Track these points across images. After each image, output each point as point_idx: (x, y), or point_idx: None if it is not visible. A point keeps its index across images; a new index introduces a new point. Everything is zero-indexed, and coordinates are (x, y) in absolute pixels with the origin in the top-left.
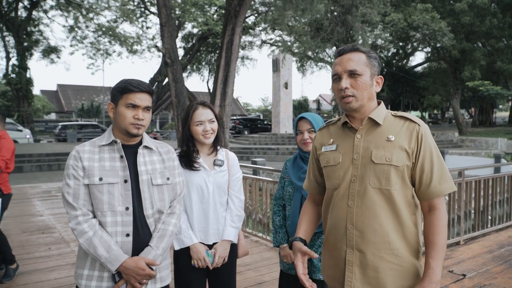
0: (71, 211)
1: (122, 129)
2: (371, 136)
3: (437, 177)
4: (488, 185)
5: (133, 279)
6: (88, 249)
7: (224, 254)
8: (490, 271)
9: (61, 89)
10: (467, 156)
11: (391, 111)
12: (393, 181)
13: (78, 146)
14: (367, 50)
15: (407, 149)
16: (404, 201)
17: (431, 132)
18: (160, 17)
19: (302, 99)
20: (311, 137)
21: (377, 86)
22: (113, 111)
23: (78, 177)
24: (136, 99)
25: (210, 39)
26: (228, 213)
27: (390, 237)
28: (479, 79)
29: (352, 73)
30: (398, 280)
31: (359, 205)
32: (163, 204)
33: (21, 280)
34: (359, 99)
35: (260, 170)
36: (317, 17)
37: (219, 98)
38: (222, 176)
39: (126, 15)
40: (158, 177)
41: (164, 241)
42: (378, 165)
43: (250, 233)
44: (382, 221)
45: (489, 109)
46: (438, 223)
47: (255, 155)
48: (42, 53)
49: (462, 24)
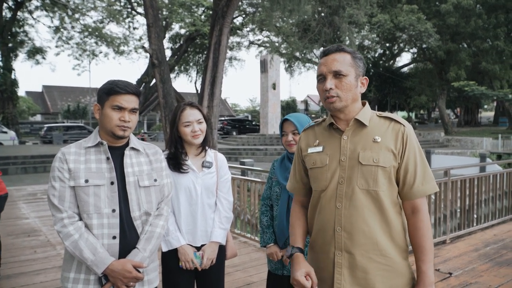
0: (57, 213)
1: (108, 130)
2: (357, 137)
3: (420, 177)
4: (474, 184)
5: (120, 282)
6: (74, 252)
7: (212, 256)
8: (476, 269)
9: (46, 90)
10: (453, 156)
11: (376, 112)
12: (380, 182)
13: (63, 148)
14: (352, 51)
15: (393, 150)
16: (391, 202)
17: (417, 132)
18: (147, 18)
19: (290, 99)
20: (295, 139)
21: (361, 87)
22: (99, 113)
23: (63, 179)
24: (122, 101)
25: (198, 39)
26: (217, 215)
27: (378, 237)
28: (464, 80)
29: (336, 73)
30: (387, 280)
31: (347, 206)
32: (150, 206)
33: (7, 283)
34: (343, 99)
35: (248, 171)
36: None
37: (206, 99)
38: (211, 178)
39: (112, 15)
40: (145, 178)
41: (152, 243)
42: (366, 166)
43: (239, 234)
44: (370, 222)
45: (475, 109)
46: (422, 225)
47: (244, 156)
48: (27, 54)
49: (447, 25)
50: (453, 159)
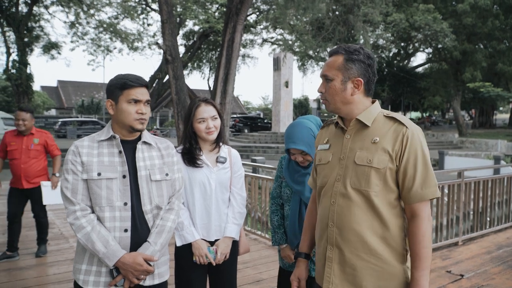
0: (70, 206)
1: (125, 125)
2: (358, 137)
3: (420, 181)
4: (488, 187)
5: (131, 275)
6: (86, 244)
7: (226, 251)
8: (488, 272)
9: (61, 85)
10: (467, 158)
11: (384, 111)
12: (372, 183)
13: (77, 141)
14: (351, 50)
15: (390, 152)
16: (386, 204)
17: (431, 133)
18: (161, 14)
19: (302, 98)
20: (305, 158)
21: (354, 89)
22: (113, 108)
23: (76, 172)
24: (137, 93)
25: (211, 36)
26: (230, 210)
27: (367, 237)
28: (480, 81)
29: (325, 77)
30: (376, 280)
31: (340, 203)
32: (161, 200)
33: (20, 275)
34: (331, 103)
35: (259, 168)
36: (319, 16)
37: (219, 96)
38: (225, 173)
39: (127, 11)
40: (157, 172)
41: (162, 237)
42: (360, 166)
43: (249, 231)
44: (360, 221)
45: (490, 111)
46: (418, 231)
47: (255, 153)
48: (43, 49)
49: (464, 25)
50: (467, 161)
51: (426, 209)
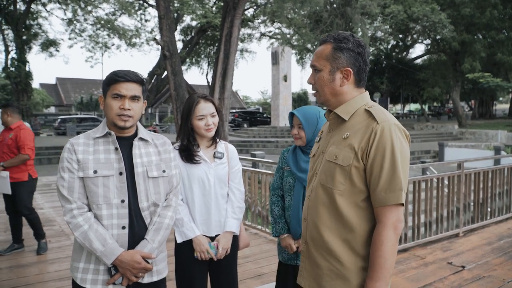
0: (66, 204)
1: (110, 121)
2: (336, 131)
3: (385, 184)
4: (488, 177)
5: (129, 273)
6: (83, 243)
7: (227, 246)
8: (489, 262)
9: (60, 82)
10: (467, 149)
11: (369, 104)
12: (337, 181)
13: (72, 138)
14: (340, 39)
15: (355, 149)
16: (351, 205)
17: (430, 124)
18: (159, 10)
19: (301, 92)
20: (300, 133)
21: (343, 80)
22: (102, 104)
23: (72, 170)
24: (121, 88)
25: (209, 31)
26: (230, 205)
27: (327, 237)
28: (479, 71)
29: (313, 68)
30: (332, 282)
31: (312, 198)
32: (158, 197)
33: (22, 272)
34: (321, 94)
35: (259, 163)
36: (316, 9)
37: (218, 91)
38: (223, 168)
39: (124, 8)
40: (154, 169)
41: (160, 234)
42: (328, 162)
43: (250, 226)
44: (322, 219)
45: (489, 102)
46: (377, 238)
47: (254, 148)
48: (41, 46)
49: (462, 16)
50: (467, 152)
51: (390, 215)
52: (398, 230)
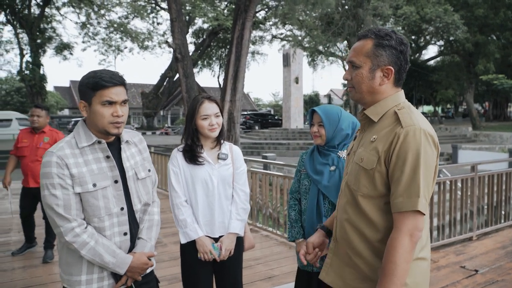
0: (65, 224)
1: (100, 129)
2: (365, 133)
3: (403, 189)
4: (502, 180)
5: (137, 274)
6: (93, 259)
7: (230, 247)
8: (503, 266)
9: (74, 85)
10: (481, 151)
11: (400, 105)
12: (361, 184)
13: (55, 150)
14: (382, 35)
15: (379, 152)
16: (374, 207)
17: (444, 127)
18: (170, 13)
19: (313, 94)
20: (320, 131)
21: (384, 78)
22: (86, 110)
23: (66, 186)
24: (111, 94)
25: (221, 34)
26: (234, 206)
27: (353, 237)
28: (493, 73)
29: (351, 64)
30: (357, 281)
31: (341, 197)
32: (148, 196)
33: (35, 272)
34: (357, 91)
35: (270, 165)
36: (328, 11)
37: (229, 93)
38: (227, 170)
39: (137, 11)
40: (141, 170)
41: (154, 230)
42: (355, 164)
43: (261, 228)
44: (350, 219)
45: (504, 103)
46: (390, 243)
47: (266, 150)
48: (55, 49)
49: (475, 17)
50: (480, 154)
51: (407, 222)
52: (415, 238)
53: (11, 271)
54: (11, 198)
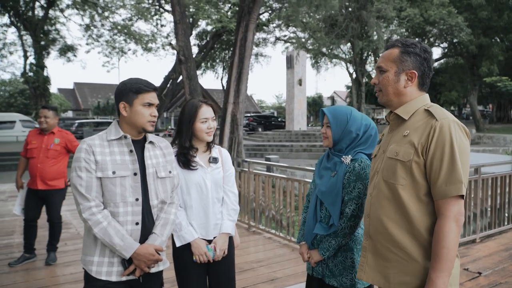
0: (84, 202)
1: (138, 126)
2: (395, 131)
3: (445, 176)
4: (505, 182)
5: (144, 264)
6: (103, 238)
7: (224, 247)
8: (507, 269)
9: (77, 87)
10: (484, 153)
11: (428, 104)
12: (399, 176)
13: (87, 139)
14: (408, 44)
15: (415, 145)
16: (414, 198)
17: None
18: (174, 15)
19: (316, 96)
20: (327, 132)
21: (408, 81)
22: (126, 110)
23: (90, 170)
24: (151, 97)
25: (224, 36)
26: (225, 208)
27: (393, 230)
28: (497, 75)
29: (379, 69)
30: (400, 273)
31: (374, 195)
32: (166, 195)
33: (37, 274)
34: (384, 94)
35: (273, 167)
36: (332, 13)
37: (232, 95)
38: (218, 173)
39: (140, 13)
40: (162, 170)
41: (167, 228)
42: (389, 159)
43: (263, 230)
44: (387, 213)
45: (507, 106)
46: (439, 230)
47: (269, 152)
48: (59, 51)
49: (479, 19)
50: (484, 157)
51: (452, 208)
52: (460, 223)
53: (14, 273)
54: (20, 201)
